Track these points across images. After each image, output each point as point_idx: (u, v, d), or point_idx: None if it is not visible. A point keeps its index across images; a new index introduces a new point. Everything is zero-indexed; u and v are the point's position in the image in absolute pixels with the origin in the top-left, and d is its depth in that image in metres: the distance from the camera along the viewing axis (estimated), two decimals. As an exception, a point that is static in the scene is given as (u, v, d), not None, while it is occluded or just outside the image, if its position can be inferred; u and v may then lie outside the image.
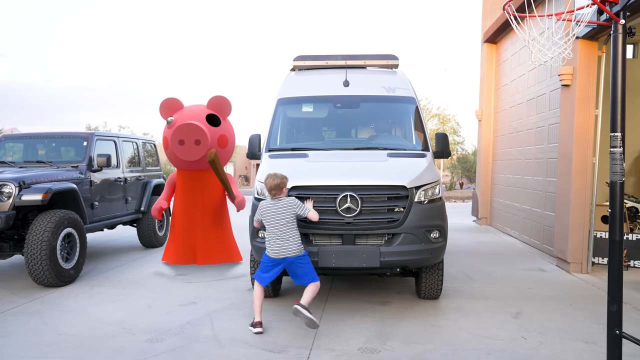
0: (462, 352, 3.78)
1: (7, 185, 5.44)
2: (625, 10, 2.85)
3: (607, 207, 4.52)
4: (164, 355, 3.73)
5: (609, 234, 2.96)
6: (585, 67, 6.40)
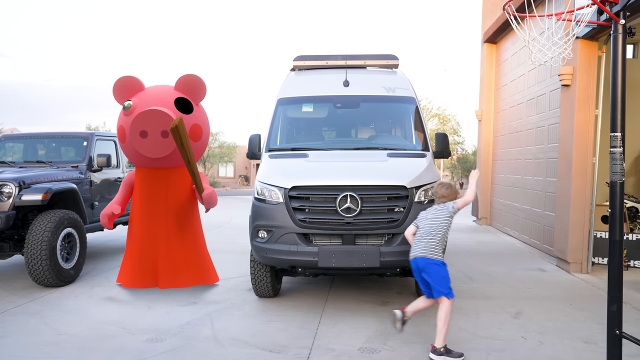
0: (462, 352, 3.78)
1: (7, 185, 5.44)
2: (625, 10, 2.85)
3: (607, 207, 4.52)
4: (164, 355, 3.73)
5: (609, 234, 2.96)
6: (585, 67, 6.40)
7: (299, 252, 4.44)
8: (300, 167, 4.93)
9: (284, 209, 4.51)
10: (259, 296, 5.21)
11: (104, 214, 3.87)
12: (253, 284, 5.08)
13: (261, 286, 5.05)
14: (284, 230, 4.49)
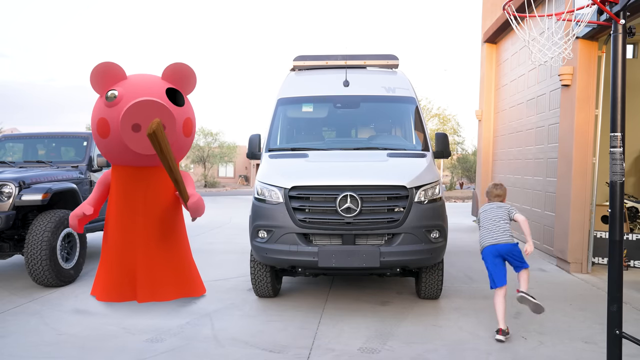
0: (462, 352, 3.78)
1: (7, 185, 5.44)
2: (625, 10, 2.85)
3: (607, 207, 4.52)
4: (164, 355, 3.73)
5: (609, 234, 2.96)
6: (585, 67, 6.40)
7: (299, 252, 4.44)
8: (300, 167, 4.93)
9: (284, 209, 4.51)
10: (259, 296, 5.21)
11: (74, 215, 3.30)
12: (253, 284, 5.08)
13: (261, 286, 5.05)
14: (284, 230, 4.49)
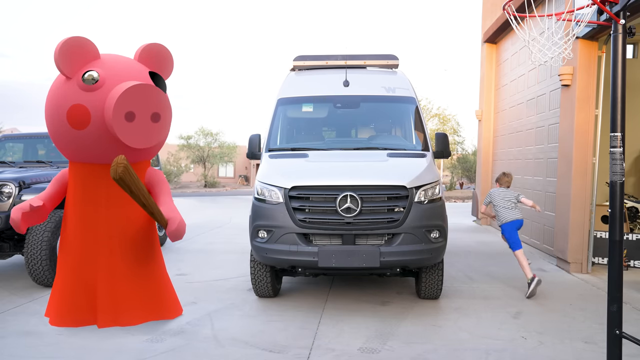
0: (462, 352, 3.78)
1: (7, 185, 5.44)
2: (625, 10, 2.85)
3: (607, 207, 4.52)
4: (164, 355, 3.73)
5: (609, 234, 2.96)
6: (585, 67, 6.40)
7: (299, 252, 4.44)
8: (300, 167, 4.93)
9: (284, 209, 4.51)
10: (259, 296, 5.21)
11: (18, 208, 2.57)
12: (253, 284, 5.08)
13: (261, 286, 5.05)
14: (284, 230, 4.49)
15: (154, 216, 2.66)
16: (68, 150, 2.65)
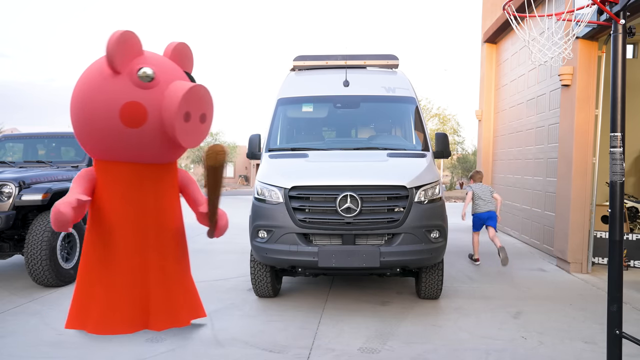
0: (462, 352, 3.78)
1: (7, 185, 5.44)
2: (625, 10, 2.85)
3: (607, 207, 4.52)
4: (164, 355, 3.73)
5: (609, 234, 2.96)
6: (585, 67, 6.40)
7: (299, 252, 4.44)
8: (300, 167, 4.93)
9: (284, 209, 4.51)
10: (259, 296, 5.21)
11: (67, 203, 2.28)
12: (253, 284, 5.08)
13: (261, 286, 5.05)
14: (284, 230, 4.49)
15: (213, 211, 2.65)
16: (113, 149, 2.44)
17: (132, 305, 2.67)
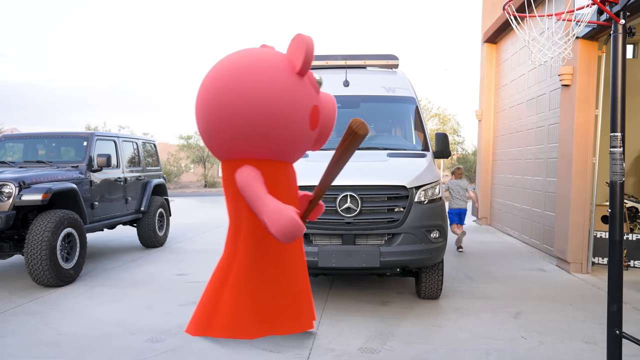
0: (462, 352, 3.78)
1: (7, 185, 5.44)
2: (625, 10, 2.85)
3: (607, 207, 4.52)
4: (164, 355, 3.73)
5: (609, 234, 2.96)
6: (585, 67, 6.40)
7: (299, 252, 4.44)
8: (300, 167, 4.90)
9: (284, 209, 4.51)
10: (259, 296, 5.20)
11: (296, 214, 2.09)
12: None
13: (261, 286, 5.04)
14: (284, 230, 4.48)
15: (315, 199, 2.58)
16: (282, 150, 2.36)
17: (266, 305, 2.52)
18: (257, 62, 2.26)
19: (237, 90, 2.15)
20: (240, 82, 2.16)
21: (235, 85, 2.16)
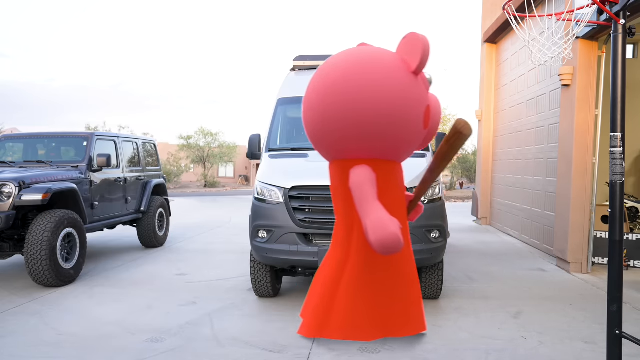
0: (462, 352, 3.78)
1: (7, 185, 5.44)
2: (625, 10, 2.85)
3: (607, 207, 4.52)
4: (164, 355, 3.73)
5: (609, 234, 2.96)
6: (585, 67, 6.40)
7: (299, 252, 4.44)
8: (300, 167, 4.93)
9: (284, 209, 4.51)
10: (259, 296, 5.21)
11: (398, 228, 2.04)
12: (253, 284, 5.08)
13: (261, 286, 5.05)
14: (284, 230, 4.49)
15: (424, 191, 2.57)
16: (396, 149, 2.31)
17: (374, 306, 2.46)
18: (372, 60, 2.22)
19: (352, 90, 2.11)
20: (356, 82, 2.12)
21: (350, 84, 2.12)
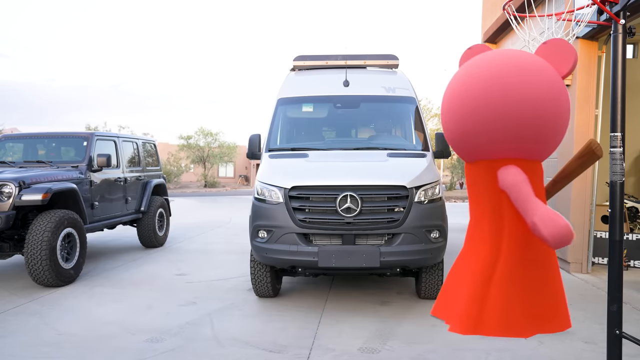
0: (462, 352, 3.78)
1: (7, 185, 5.44)
2: (625, 10, 2.85)
3: (607, 207, 4.52)
4: (164, 355, 3.73)
5: (609, 234, 2.96)
6: (585, 67, 6.40)
7: (299, 252, 4.44)
8: (300, 167, 4.93)
9: (284, 209, 4.51)
10: (259, 296, 5.21)
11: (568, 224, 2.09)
12: (253, 284, 5.08)
13: (261, 286, 5.05)
14: (284, 230, 4.49)
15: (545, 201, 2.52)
16: (546, 149, 2.37)
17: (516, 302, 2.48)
18: (533, 64, 2.25)
19: (514, 92, 2.14)
20: (518, 84, 2.15)
21: (513, 87, 2.14)
